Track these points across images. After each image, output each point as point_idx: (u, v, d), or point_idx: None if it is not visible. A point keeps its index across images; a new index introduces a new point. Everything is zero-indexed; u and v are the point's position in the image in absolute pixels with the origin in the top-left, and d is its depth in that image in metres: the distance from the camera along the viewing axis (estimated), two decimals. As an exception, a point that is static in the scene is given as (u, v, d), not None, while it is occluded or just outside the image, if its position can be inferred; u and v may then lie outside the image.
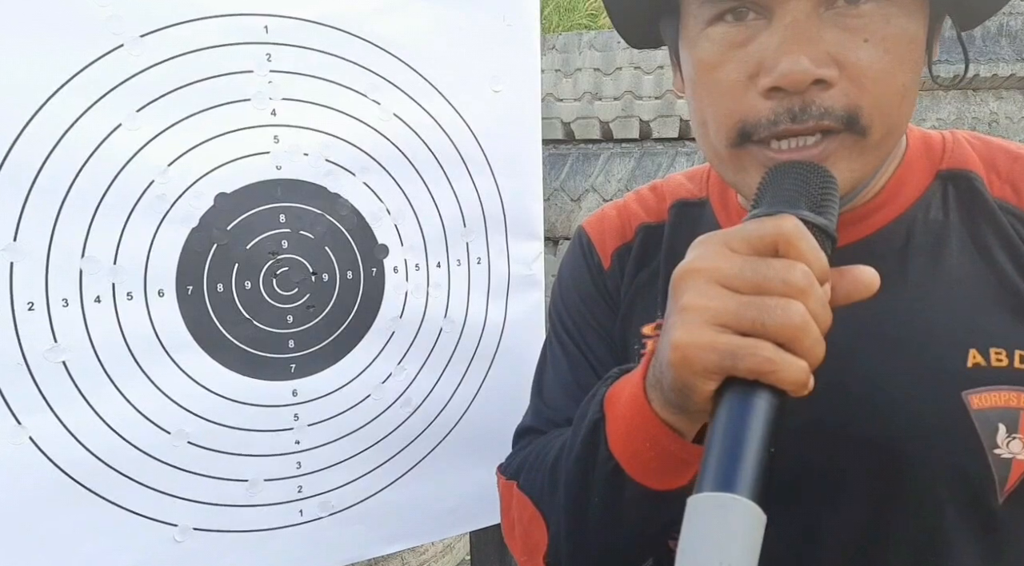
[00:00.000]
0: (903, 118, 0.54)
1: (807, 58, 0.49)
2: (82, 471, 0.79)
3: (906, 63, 0.52)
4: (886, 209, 0.60)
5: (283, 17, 0.85)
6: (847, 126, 0.51)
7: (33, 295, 0.75)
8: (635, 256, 0.72)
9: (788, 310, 0.41)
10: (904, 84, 0.52)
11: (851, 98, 0.51)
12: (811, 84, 0.50)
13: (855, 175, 0.54)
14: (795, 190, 0.48)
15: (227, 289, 0.86)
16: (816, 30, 0.50)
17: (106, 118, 0.77)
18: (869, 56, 0.50)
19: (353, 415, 0.95)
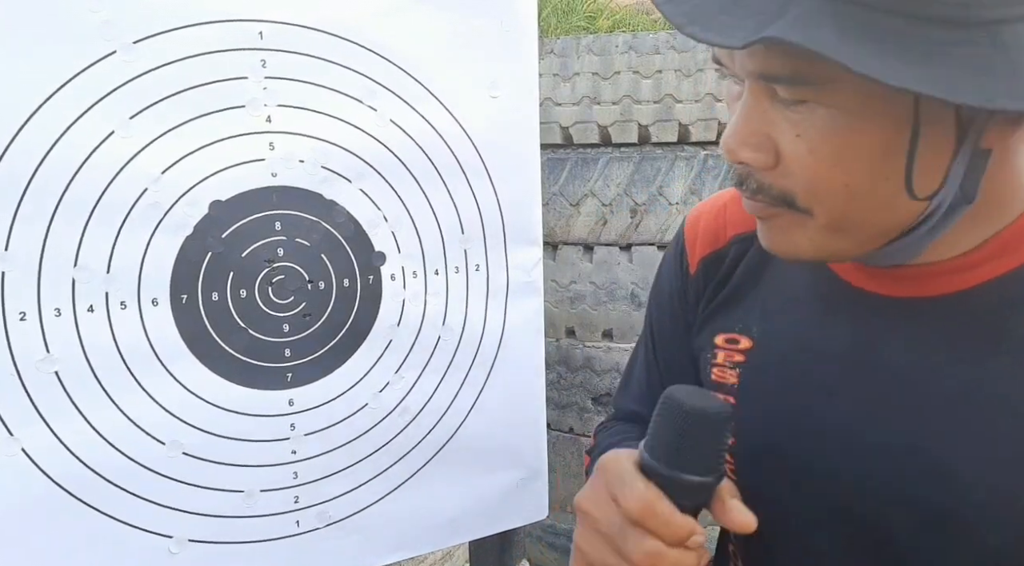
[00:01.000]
0: (868, 213, 0.51)
1: (737, 139, 0.51)
2: (75, 483, 0.78)
3: (849, 168, 0.49)
4: (990, 265, 0.55)
5: (278, 23, 0.84)
6: (786, 205, 0.52)
7: (25, 305, 0.74)
8: (725, 268, 0.69)
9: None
10: (850, 186, 0.50)
11: (785, 184, 0.51)
12: (741, 162, 0.52)
13: (815, 245, 0.53)
14: (664, 438, 0.51)
15: (222, 298, 0.85)
16: (763, 112, 0.50)
17: (99, 125, 0.76)
18: (797, 152, 0.50)
19: (351, 424, 0.94)
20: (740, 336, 0.66)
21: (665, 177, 1.78)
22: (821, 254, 0.54)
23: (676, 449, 0.50)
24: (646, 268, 1.84)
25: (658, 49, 1.75)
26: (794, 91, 0.48)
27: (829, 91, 0.47)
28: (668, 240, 1.84)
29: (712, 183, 1.80)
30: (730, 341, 0.66)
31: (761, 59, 0.48)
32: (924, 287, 0.56)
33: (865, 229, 0.52)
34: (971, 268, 0.55)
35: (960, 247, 0.55)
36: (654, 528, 0.49)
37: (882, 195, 0.50)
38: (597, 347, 1.89)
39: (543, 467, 1.11)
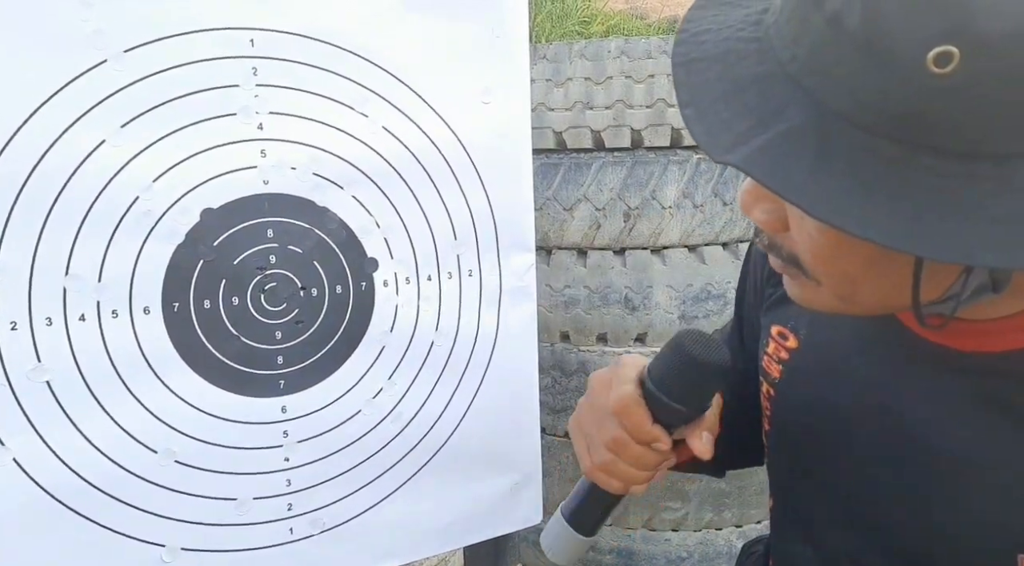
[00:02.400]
0: (877, 297, 0.49)
1: (749, 198, 0.50)
2: (67, 492, 0.78)
3: (847, 260, 0.47)
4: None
5: (269, 31, 0.84)
6: (796, 267, 0.51)
7: (16, 314, 0.74)
8: None
9: (600, 455, 0.61)
10: (849, 274, 0.48)
11: (794, 249, 0.51)
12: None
13: (831, 307, 0.52)
14: (668, 370, 0.59)
15: (214, 305, 0.85)
16: None
17: (90, 134, 0.76)
18: (799, 231, 0.49)
19: (344, 431, 0.94)
20: (790, 333, 0.67)
21: (658, 181, 1.78)
22: (847, 311, 0.53)
23: (665, 376, 0.59)
24: (639, 272, 1.85)
25: (650, 54, 1.76)
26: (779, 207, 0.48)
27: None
28: (662, 244, 1.84)
29: (705, 187, 1.81)
30: (781, 335, 0.67)
31: None
32: (970, 342, 0.53)
33: (876, 307, 0.51)
34: (1009, 332, 0.52)
35: (1011, 308, 0.52)
36: (626, 424, 0.59)
37: (888, 286, 0.48)
38: (591, 351, 1.89)
39: (537, 472, 1.11)
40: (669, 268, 1.83)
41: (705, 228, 1.82)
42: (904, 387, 0.57)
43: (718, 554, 1.94)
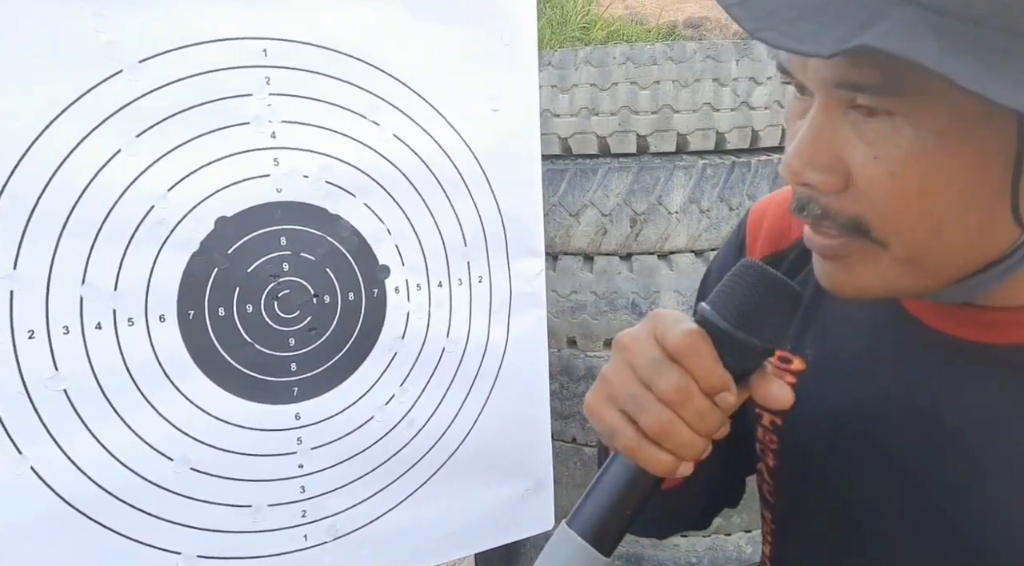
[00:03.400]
0: (952, 246, 0.46)
1: (803, 159, 0.46)
2: (84, 500, 0.78)
3: (937, 197, 0.44)
4: None
5: (281, 40, 0.85)
6: (857, 233, 0.47)
7: (33, 323, 0.75)
8: (786, 271, 0.63)
9: (655, 415, 0.47)
10: (935, 216, 0.44)
11: (858, 209, 0.46)
12: (807, 185, 0.47)
13: (886, 283, 0.48)
14: (733, 297, 0.49)
15: (228, 313, 0.85)
16: (833, 130, 0.45)
17: (105, 144, 0.76)
18: (874, 175, 0.44)
19: (356, 437, 0.94)
20: (792, 355, 0.61)
21: (664, 187, 1.79)
22: (890, 292, 0.49)
23: (745, 309, 0.48)
24: (646, 277, 1.85)
25: (655, 60, 1.77)
26: (880, 101, 0.43)
27: (919, 106, 0.42)
28: (668, 249, 1.85)
29: (711, 192, 1.81)
30: (782, 359, 0.61)
31: (844, 67, 0.43)
32: (997, 334, 0.51)
33: (946, 264, 0.47)
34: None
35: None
36: (692, 366, 0.47)
37: (971, 228, 0.45)
38: (599, 357, 1.89)
39: (548, 478, 1.11)
40: (676, 273, 1.83)
41: (712, 233, 1.82)
42: (940, 388, 0.53)
43: (728, 560, 1.93)
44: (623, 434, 0.49)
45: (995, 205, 0.44)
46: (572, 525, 0.51)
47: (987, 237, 0.46)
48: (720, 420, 0.49)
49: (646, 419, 0.48)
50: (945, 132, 0.42)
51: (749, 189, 1.85)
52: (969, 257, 0.47)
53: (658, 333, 0.48)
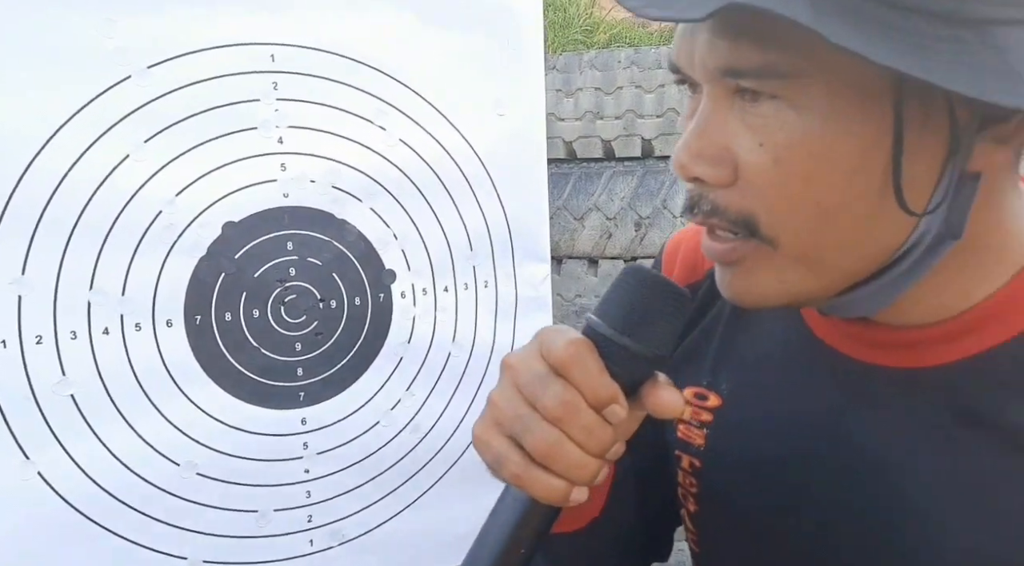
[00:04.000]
0: (842, 238, 0.45)
1: (690, 152, 0.45)
2: (91, 505, 0.78)
3: (821, 182, 0.43)
4: (975, 337, 0.48)
5: (289, 46, 0.85)
6: (746, 231, 0.45)
7: (41, 328, 0.75)
8: (700, 304, 0.62)
9: (540, 434, 0.43)
10: (822, 204, 0.43)
11: (745, 204, 0.45)
12: (695, 180, 0.46)
13: (784, 285, 0.46)
14: (618, 302, 0.46)
15: (235, 318, 0.85)
16: (720, 122, 0.45)
17: (114, 150, 0.76)
18: (759, 164, 0.43)
19: (363, 442, 0.94)
20: (708, 392, 0.59)
21: (669, 190, 1.79)
22: (791, 297, 0.48)
23: (630, 314, 0.45)
24: (651, 281, 1.85)
25: (660, 63, 1.77)
26: (763, 84, 0.42)
27: (801, 88, 0.42)
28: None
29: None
30: (699, 396, 0.59)
31: (726, 50, 0.43)
32: (904, 357, 0.50)
33: (840, 260, 0.46)
34: (955, 339, 0.49)
35: (946, 310, 0.49)
36: (577, 378, 0.44)
37: (859, 216, 0.44)
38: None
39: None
40: (680, 277, 1.83)
41: (716, 236, 1.83)
42: (854, 416, 0.52)
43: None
44: (509, 460, 0.45)
45: (881, 192, 0.43)
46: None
47: (878, 229, 0.45)
48: (612, 437, 0.45)
49: (531, 440, 0.44)
50: (827, 114, 0.42)
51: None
52: (863, 251, 0.46)
53: (543, 348, 0.45)
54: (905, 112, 0.41)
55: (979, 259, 0.48)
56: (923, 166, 0.43)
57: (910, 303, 0.49)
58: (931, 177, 0.43)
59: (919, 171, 0.43)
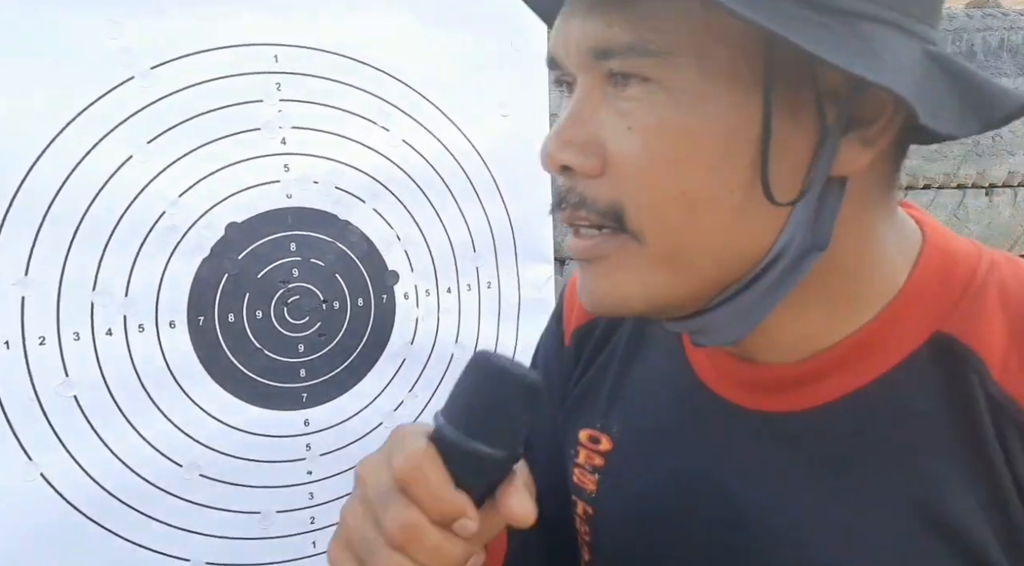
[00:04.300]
0: (708, 235, 0.43)
1: (559, 140, 0.44)
2: (94, 506, 0.78)
3: (687, 169, 0.41)
4: (844, 376, 0.47)
5: (292, 46, 0.85)
6: (614, 224, 0.44)
7: (44, 329, 0.75)
8: (597, 339, 0.60)
9: (383, 561, 0.40)
10: (688, 194, 0.42)
11: (614, 193, 0.43)
12: (564, 169, 0.44)
13: (647, 289, 0.44)
14: (463, 399, 0.42)
15: (238, 319, 0.85)
16: (592, 111, 0.43)
17: (117, 150, 0.76)
18: (628, 148, 0.42)
19: (365, 444, 0.94)
20: (601, 434, 0.57)
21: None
22: (651, 301, 0.45)
23: (475, 413, 0.42)
24: (654, 282, 1.85)
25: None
26: (633, 64, 0.41)
27: (671, 68, 0.41)
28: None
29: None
30: (592, 439, 0.57)
31: (598, 30, 0.42)
32: (775, 400, 0.49)
33: (704, 261, 0.44)
34: (821, 378, 0.47)
35: (813, 344, 0.47)
36: (418, 495, 0.40)
37: (726, 211, 0.42)
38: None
39: (557, 484, 1.10)
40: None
41: (718, 238, 1.82)
42: (731, 461, 0.50)
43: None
44: None
45: (748, 187, 0.42)
46: None
47: (745, 229, 0.43)
48: (464, 551, 0.41)
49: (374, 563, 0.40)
50: (697, 98, 0.41)
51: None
52: (728, 254, 0.44)
53: (392, 456, 0.41)
54: (774, 102, 0.41)
55: (847, 288, 0.46)
56: (790, 163, 0.42)
57: (777, 332, 0.47)
58: (798, 175, 0.42)
59: (786, 167, 0.42)
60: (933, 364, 0.45)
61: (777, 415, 0.49)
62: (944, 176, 2.52)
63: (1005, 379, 0.43)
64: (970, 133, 0.40)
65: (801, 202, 0.43)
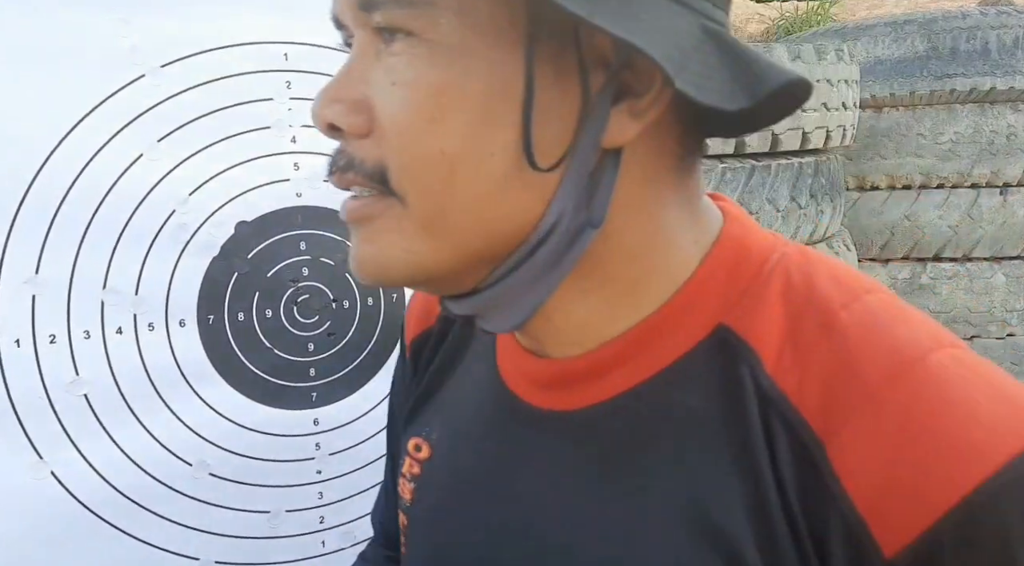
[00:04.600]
0: (472, 201, 0.41)
1: (326, 98, 0.42)
2: (104, 505, 0.78)
3: (447, 127, 0.40)
4: (624, 371, 0.45)
5: (303, 44, 0.84)
6: (380, 186, 0.42)
7: (55, 328, 0.75)
8: (431, 347, 0.59)
9: None
10: (448, 153, 0.40)
11: (379, 152, 0.41)
12: (332, 129, 0.43)
13: (410, 256, 0.42)
14: None
15: (248, 318, 0.85)
16: (363, 69, 0.42)
17: (127, 149, 0.76)
18: (390, 105, 0.40)
19: (375, 443, 0.94)
20: (424, 442, 0.55)
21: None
22: (416, 270, 0.43)
23: None
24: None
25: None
26: (395, 17, 0.40)
27: (431, 20, 0.39)
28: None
29: (730, 196, 1.79)
30: (416, 447, 0.56)
31: None
32: (560, 398, 0.47)
33: (467, 229, 0.41)
34: (605, 372, 0.45)
35: (598, 335, 0.45)
36: None
37: (487, 176, 0.40)
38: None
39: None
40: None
41: (730, 237, 1.81)
42: (520, 471, 0.48)
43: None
44: None
45: (511, 151, 0.40)
46: None
47: (509, 197, 0.41)
48: None
49: None
50: (457, 51, 0.39)
51: (768, 193, 1.84)
52: (493, 225, 0.41)
53: None
54: (537, 63, 0.39)
55: (628, 273, 0.44)
56: (555, 129, 0.40)
57: (561, 321, 0.45)
58: (565, 143, 0.41)
59: (551, 133, 0.40)
60: (712, 359, 0.43)
61: (562, 414, 0.47)
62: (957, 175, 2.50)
63: (778, 373, 0.41)
64: (735, 106, 0.37)
65: (570, 173, 0.41)
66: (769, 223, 1.84)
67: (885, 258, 2.59)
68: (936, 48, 2.55)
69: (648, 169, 0.43)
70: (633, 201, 0.43)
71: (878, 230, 2.55)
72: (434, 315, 0.60)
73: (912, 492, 0.36)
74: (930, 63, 2.52)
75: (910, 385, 0.37)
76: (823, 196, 1.96)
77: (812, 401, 0.39)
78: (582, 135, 0.40)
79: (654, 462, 0.43)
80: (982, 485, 0.35)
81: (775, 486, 0.39)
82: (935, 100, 2.53)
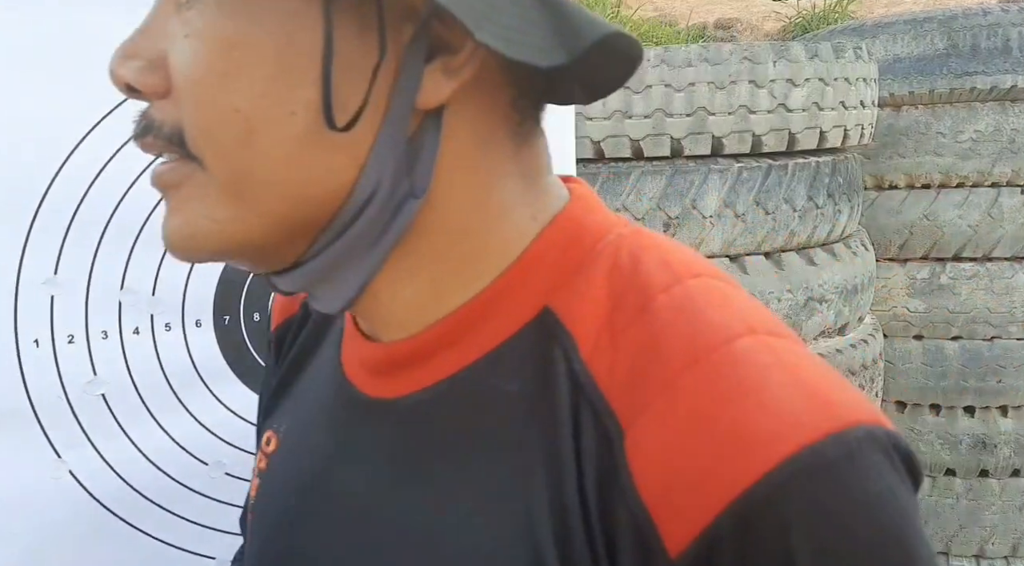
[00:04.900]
0: (273, 168, 0.38)
1: (122, 56, 0.39)
2: (121, 504, 0.79)
3: (240, 84, 0.37)
4: (447, 356, 0.42)
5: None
6: (180, 150, 0.38)
7: (73, 328, 0.75)
8: (291, 337, 0.56)
9: None
10: (243, 113, 0.37)
11: (177, 113, 0.38)
12: (130, 90, 0.39)
13: (219, 227, 0.39)
14: None
15: (263, 318, 0.85)
16: (163, 21, 0.39)
17: (144, 150, 0.77)
18: (183, 59, 0.37)
19: (389, 444, 0.94)
20: (273, 435, 0.52)
21: (698, 190, 1.76)
22: (224, 241, 0.39)
23: None
24: (680, 282, 1.83)
25: (690, 62, 1.75)
26: None
27: None
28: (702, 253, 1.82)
29: (746, 196, 1.78)
30: (267, 441, 0.53)
31: None
32: (387, 384, 0.44)
33: (271, 195, 0.38)
34: (430, 356, 0.42)
35: (426, 314, 0.42)
36: None
37: (286, 138, 0.37)
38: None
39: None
40: (709, 278, 1.81)
41: (746, 237, 1.80)
42: (346, 466, 0.45)
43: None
44: None
45: (313, 110, 0.37)
46: None
47: (315, 159, 0.38)
48: None
49: None
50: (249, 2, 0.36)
51: (785, 193, 1.82)
52: (296, 189, 0.38)
53: None
54: (336, 13, 0.36)
55: (455, 249, 0.41)
56: (360, 87, 0.37)
57: (389, 299, 0.42)
58: (374, 103, 0.37)
59: (356, 92, 0.37)
60: (533, 342, 0.40)
61: (387, 402, 0.44)
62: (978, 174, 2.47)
63: (593, 358, 0.38)
64: (550, 62, 0.35)
65: (384, 135, 0.38)
66: (786, 223, 1.83)
67: (904, 258, 2.56)
68: (956, 45, 2.52)
69: (479, 135, 0.40)
70: (462, 169, 0.40)
71: (896, 229, 2.52)
72: (297, 302, 0.56)
73: (696, 484, 0.32)
74: (950, 61, 2.49)
75: (705, 370, 0.34)
76: (841, 195, 1.94)
77: (619, 387, 0.36)
78: (393, 94, 0.37)
79: (471, 454, 0.40)
80: (764, 477, 0.31)
81: (576, 480, 0.36)
82: (955, 98, 2.50)
